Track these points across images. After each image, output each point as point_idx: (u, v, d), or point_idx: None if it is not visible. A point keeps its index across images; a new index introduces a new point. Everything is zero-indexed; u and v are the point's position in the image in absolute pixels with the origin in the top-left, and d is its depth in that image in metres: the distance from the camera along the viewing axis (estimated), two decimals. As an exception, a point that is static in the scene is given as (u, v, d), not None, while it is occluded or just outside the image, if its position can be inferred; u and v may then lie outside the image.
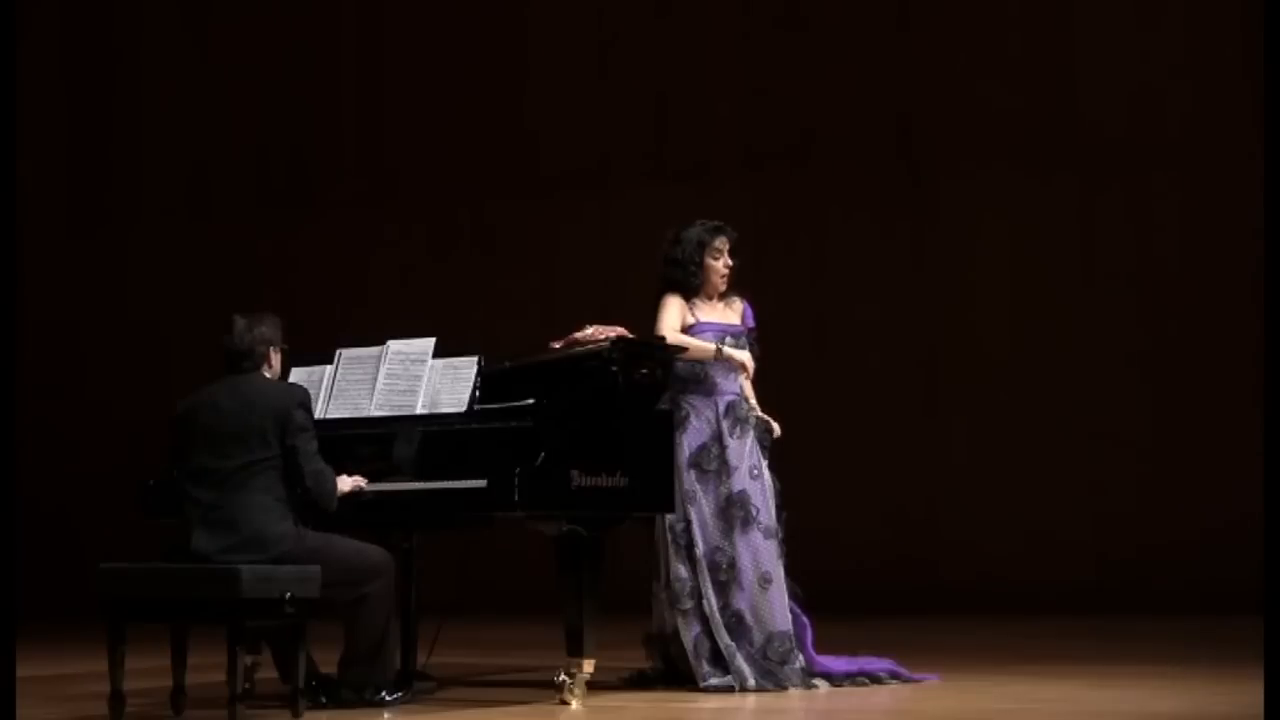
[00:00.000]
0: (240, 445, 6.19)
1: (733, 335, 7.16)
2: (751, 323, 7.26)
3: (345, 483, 6.43)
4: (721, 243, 7.21)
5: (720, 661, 6.92)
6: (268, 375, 6.40)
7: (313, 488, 6.28)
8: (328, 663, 6.51)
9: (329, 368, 6.92)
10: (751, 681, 6.85)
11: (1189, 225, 11.67)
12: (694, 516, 7.00)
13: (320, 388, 6.86)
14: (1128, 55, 11.86)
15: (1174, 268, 11.68)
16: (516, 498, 6.18)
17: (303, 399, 6.33)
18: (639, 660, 7.21)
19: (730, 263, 7.22)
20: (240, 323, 6.39)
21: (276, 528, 6.15)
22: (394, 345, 6.86)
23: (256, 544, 6.10)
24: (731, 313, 7.25)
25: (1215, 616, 9.94)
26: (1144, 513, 11.52)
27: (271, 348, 6.41)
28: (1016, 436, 11.84)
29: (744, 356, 7.12)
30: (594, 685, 6.62)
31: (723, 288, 7.24)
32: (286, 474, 6.24)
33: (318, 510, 6.35)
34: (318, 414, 6.66)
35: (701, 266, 7.18)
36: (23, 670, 6.66)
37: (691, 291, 7.17)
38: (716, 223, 7.25)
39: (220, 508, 6.17)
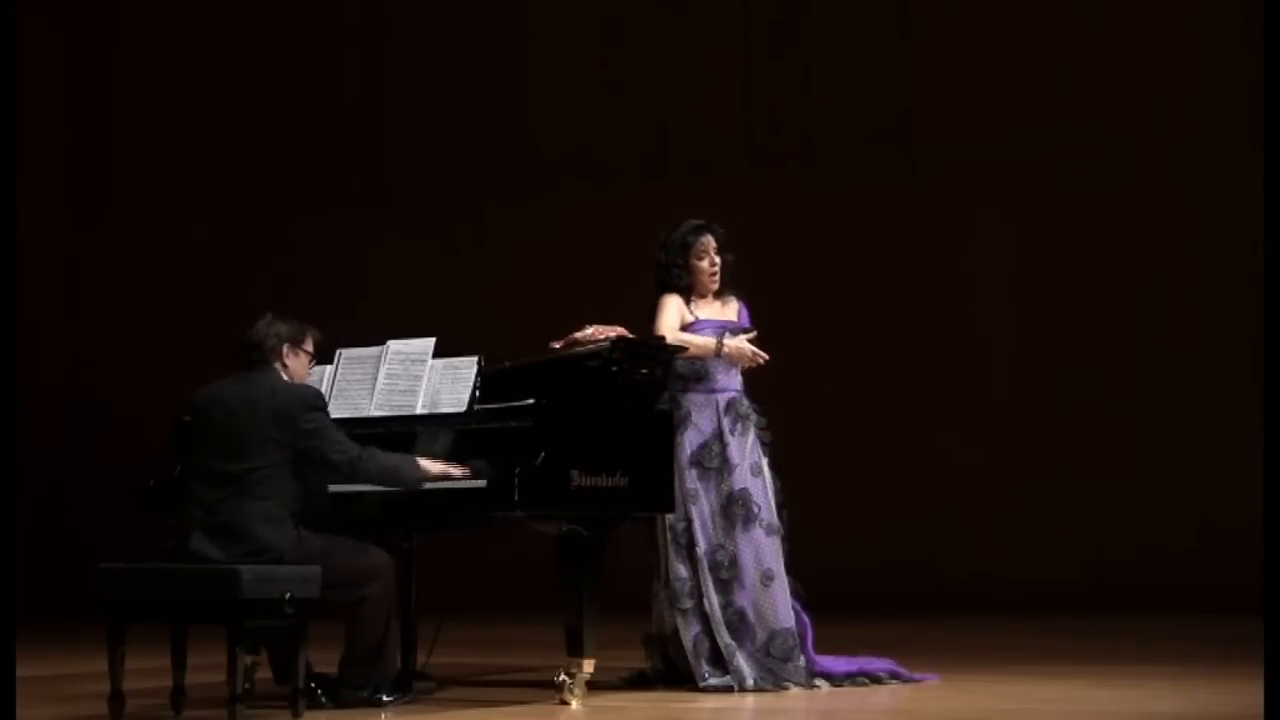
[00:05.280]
0: (246, 449, 6.18)
1: (731, 331, 7.14)
2: (748, 324, 7.25)
3: (434, 466, 6.35)
4: (705, 242, 7.16)
5: (720, 661, 6.91)
6: (284, 376, 6.38)
7: (351, 475, 6.24)
8: (328, 663, 6.51)
9: (329, 368, 6.92)
10: (750, 681, 6.85)
11: (1189, 226, 11.67)
12: (695, 516, 6.99)
13: (320, 388, 6.85)
14: (1128, 56, 11.85)
15: (1173, 268, 11.68)
16: (516, 498, 6.19)
17: (312, 401, 6.29)
18: (639, 660, 7.21)
19: (718, 261, 7.18)
20: (264, 318, 6.41)
21: (275, 537, 6.13)
22: (394, 345, 6.85)
23: (255, 554, 6.09)
24: (729, 310, 7.24)
25: (1215, 616, 9.94)
26: (1143, 513, 11.53)
27: (287, 345, 6.38)
28: (1016, 436, 11.84)
29: (746, 348, 7.07)
30: (594, 685, 6.62)
31: (714, 286, 7.20)
32: (314, 468, 6.23)
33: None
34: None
35: (686, 268, 7.15)
36: (23, 670, 6.65)
37: (684, 291, 7.16)
38: (699, 222, 7.20)
39: (220, 512, 6.16)
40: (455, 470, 6.36)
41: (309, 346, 6.47)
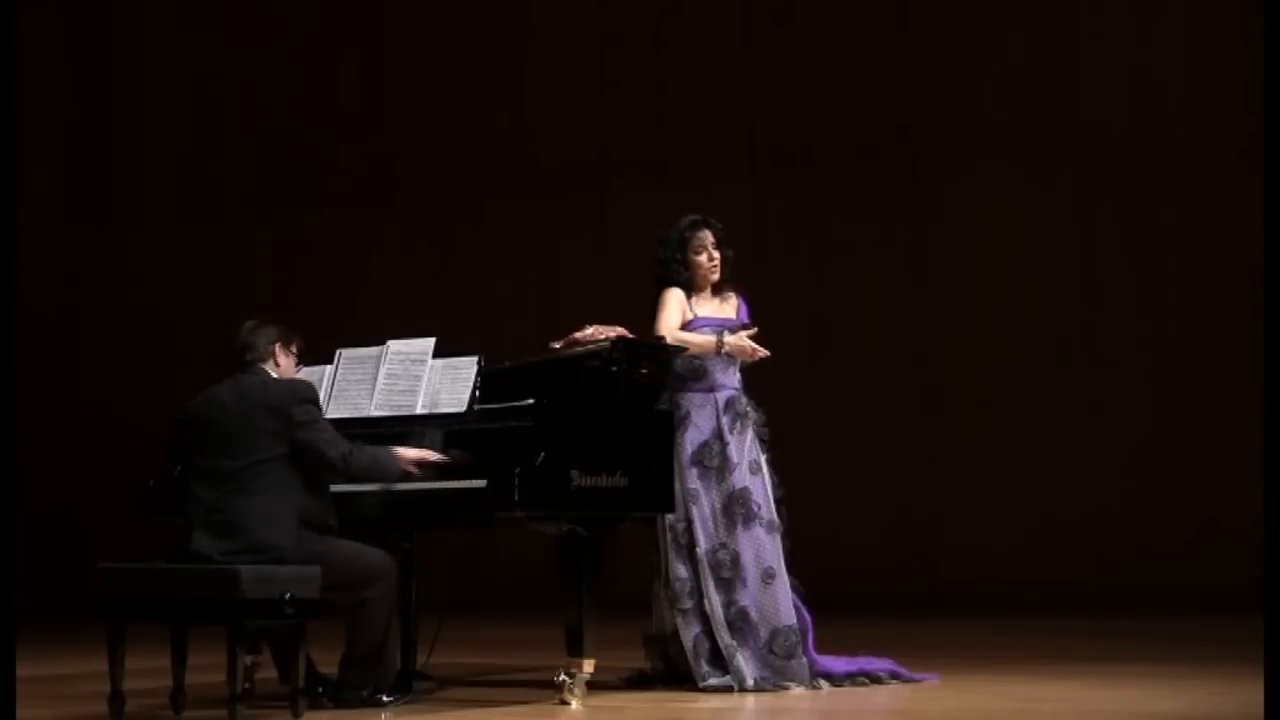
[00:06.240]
0: (245, 445, 6.19)
1: (729, 330, 7.14)
2: (746, 318, 7.24)
3: (410, 452, 6.39)
4: (702, 237, 7.16)
5: (720, 661, 6.91)
6: (274, 374, 6.40)
7: (344, 470, 6.27)
8: (328, 663, 6.51)
9: (329, 368, 6.92)
10: (750, 681, 6.85)
11: (1188, 227, 11.67)
12: (695, 515, 6.98)
13: (320, 388, 6.85)
14: (1128, 57, 11.86)
15: (1173, 268, 11.68)
16: (516, 498, 6.18)
17: (305, 394, 6.32)
18: (639, 660, 7.21)
19: (715, 255, 7.17)
20: (250, 322, 6.46)
21: (276, 535, 6.13)
22: (394, 345, 6.86)
23: (256, 550, 6.09)
24: (728, 307, 7.24)
25: (1215, 616, 9.94)
26: (1143, 513, 11.53)
27: (278, 344, 6.43)
28: (1016, 436, 11.84)
29: (746, 344, 7.08)
30: (594, 685, 6.62)
31: (714, 278, 7.20)
32: (310, 466, 6.24)
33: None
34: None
35: (685, 263, 7.16)
36: (23, 670, 6.65)
37: (684, 286, 7.16)
38: (696, 216, 7.20)
39: (221, 510, 6.17)
40: (432, 456, 6.38)
41: (295, 349, 6.52)
